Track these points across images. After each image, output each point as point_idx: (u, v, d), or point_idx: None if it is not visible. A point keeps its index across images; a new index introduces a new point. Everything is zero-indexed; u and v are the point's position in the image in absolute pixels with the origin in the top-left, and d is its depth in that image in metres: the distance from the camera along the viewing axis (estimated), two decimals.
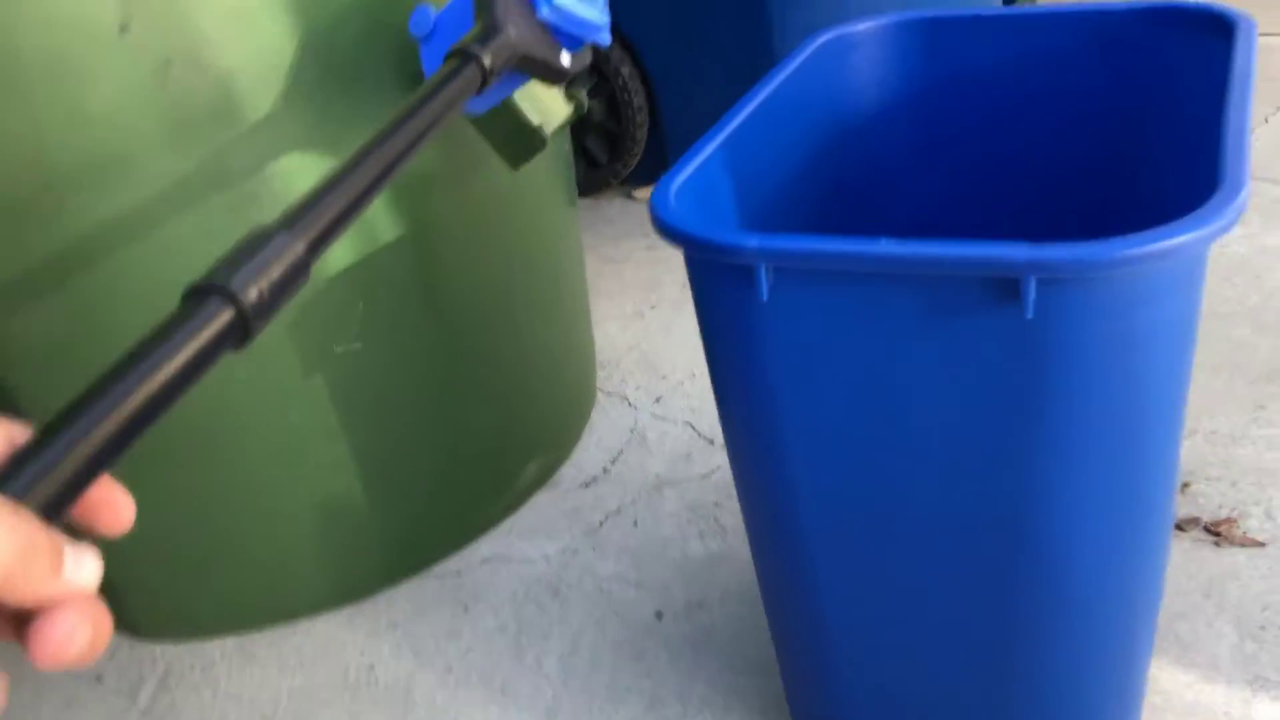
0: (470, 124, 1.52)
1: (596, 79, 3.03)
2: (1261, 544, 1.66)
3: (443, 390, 1.74)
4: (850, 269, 0.96)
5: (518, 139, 1.53)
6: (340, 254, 1.54)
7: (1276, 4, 4.03)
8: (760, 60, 2.71)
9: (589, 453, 2.08)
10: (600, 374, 2.32)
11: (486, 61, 1.07)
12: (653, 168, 3.15)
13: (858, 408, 1.04)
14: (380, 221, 1.56)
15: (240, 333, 0.70)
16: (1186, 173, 1.21)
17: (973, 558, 1.09)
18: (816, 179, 1.43)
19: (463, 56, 1.08)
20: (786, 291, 1.00)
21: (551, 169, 1.89)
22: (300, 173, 1.44)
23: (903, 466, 1.05)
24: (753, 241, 0.98)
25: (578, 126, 3.11)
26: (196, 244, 1.42)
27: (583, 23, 1.26)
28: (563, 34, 1.24)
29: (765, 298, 1.00)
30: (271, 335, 1.53)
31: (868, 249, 0.94)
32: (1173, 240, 0.87)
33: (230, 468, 1.62)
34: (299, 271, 0.76)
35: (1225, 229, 0.89)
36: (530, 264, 1.86)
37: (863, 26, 1.48)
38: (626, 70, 2.97)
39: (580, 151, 3.18)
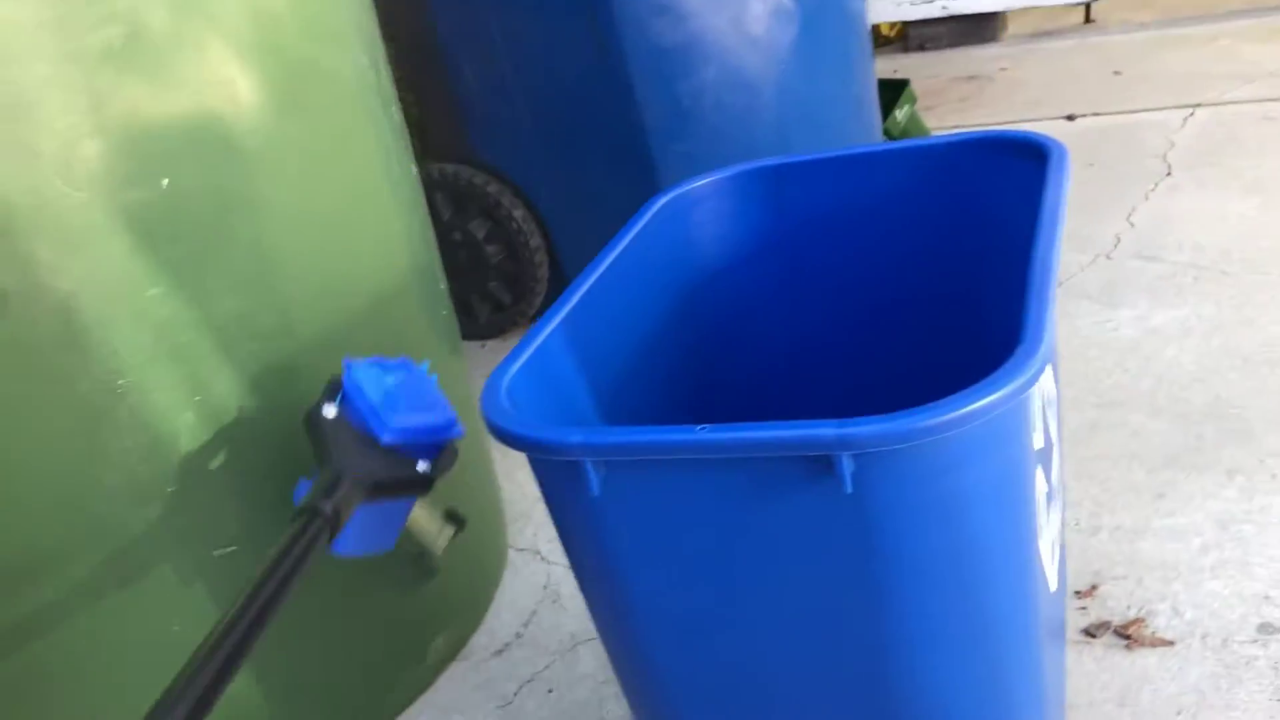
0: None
1: (491, 224, 3.06)
2: (1170, 643, 1.65)
3: (331, 582, 1.70)
4: (674, 458, 0.95)
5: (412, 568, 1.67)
6: (205, 460, 1.51)
7: (1142, 79, 4.18)
8: (644, 190, 2.76)
9: (500, 617, 2.04)
10: (511, 529, 2.29)
11: (328, 510, 1.15)
12: None
13: (701, 586, 1.03)
14: (246, 421, 1.54)
15: None
16: (1015, 301, 1.23)
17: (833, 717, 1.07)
18: (672, 338, 1.43)
19: (308, 513, 1.16)
20: (618, 481, 1.00)
21: (425, 324, 1.89)
22: (155, 389, 1.42)
23: (750, 639, 1.04)
24: (576, 438, 0.97)
25: (479, 271, 3.13)
26: (48, 487, 1.39)
27: (428, 429, 1.35)
28: (413, 448, 1.32)
29: (597, 492, 1.00)
30: (146, 545, 1.50)
31: (687, 438, 0.93)
32: (974, 404, 0.88)
33: (112, 679, 1.56)
34: None
35: (1027, 386, 0.90)
36: None
37: (703, 182, 1.51)
38: (519, 214, 3.01)
39: (485, 295, 3.19)
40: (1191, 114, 3.74)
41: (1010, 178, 1.37)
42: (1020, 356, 0.91)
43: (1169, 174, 3.30)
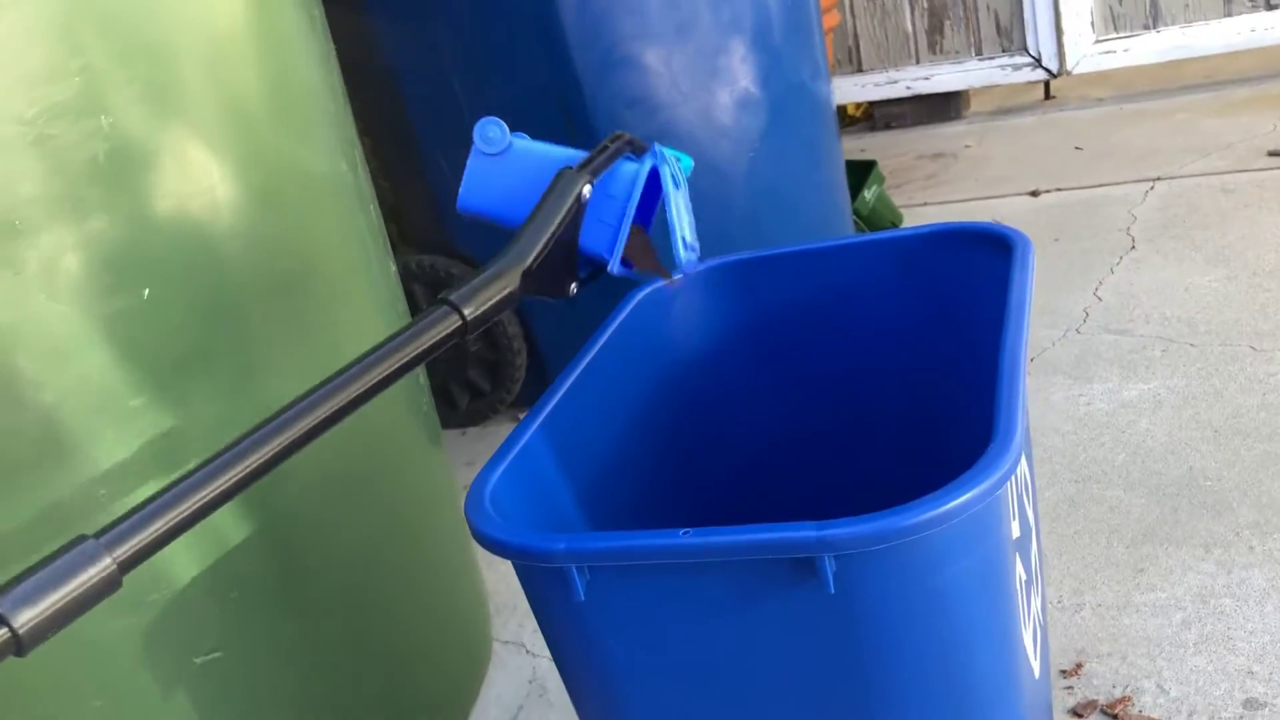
0: None
1: None
2: None
3: (315, 684, 1.68)
4: (657, 562, 0.96)
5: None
6: (186, 559, 1.50)
7: (1104, 154, 4.29)
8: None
9: (487, 713, 2.02)
10: (496, 621, 2.28)
11: (468, 315, 1.04)
12: (536, 387, 3.18)
13: (689, 685, 1.03)
14: (226, 521, 1.54)
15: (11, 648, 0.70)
16: (987, 391, 1.26)
17: None
18: (652, 432, 1.45)
19: (446, 307, 1.05)
20: (602, 585, 1.00)
21: (406, 420, 1.90)
22: (137, 498, 1.42)
23: None
24: (561, 544, 0.98)
25: (458, 360, 3.15)
26: None
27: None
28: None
29: (582, 597, 1.00)
30: (125, 654, 1.48)
31: (669, 542, 0.95)
32: (950, 503, 0.89)
33: None
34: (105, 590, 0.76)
35: (1002, 482, 0.92)
36: (397, 528, 1.84)
37: (677, 276, 1.54)
38: None
39: (464, 383, 3.21)
40: (1152, 187, 3.83)
41: (977, 268, 1.41)
42: (993, 454, 0.93)
43: (1133, 247, 3.38)
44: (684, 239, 1.25)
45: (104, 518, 1.42)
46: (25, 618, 0.72)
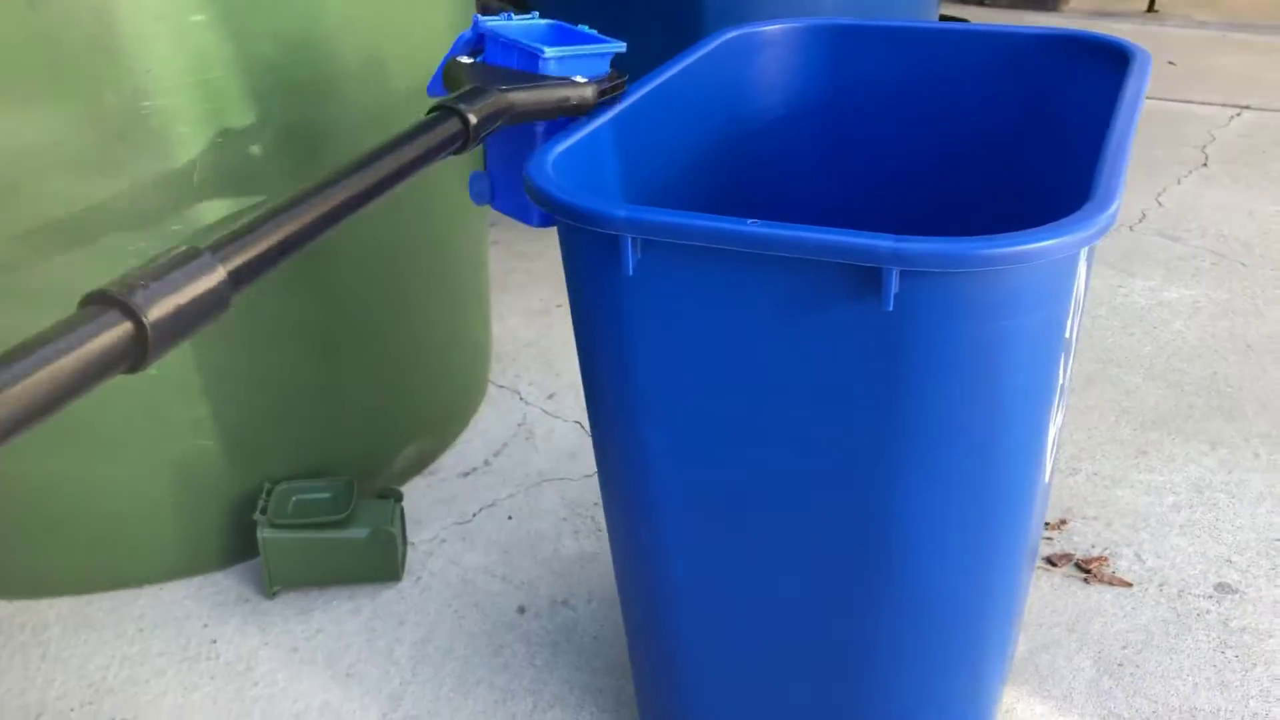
0: None
1: None
2: (1129, 584, 1.66)
3: (316, 361, 1.67)
4: (717, 246, 0.93)
5: None
6: (216, 208, 1.47)
7: (1196, 75, 4.14)
8: None
9: (472, 444, 2.03)
10: (495, 366, 2.27)
11: (467, 113, 1.03)
12: None
13: (717, 390, 1.01)
14: (262, 175, 1.50)
15: (137, 354, 0.64)
16: (1071, 194, 1.21)
17: (826, 558, 1.06)
18: (709, 173, 1.40)
19: (443, 111, 1.03)
20: (653, 266, 0.97)
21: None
22: (180, 119, 1.38)
23: (758, 455, 1.02)
24: (621, 212, 0.95)
25: None
26: (57, 198, 1.35)
27: (590, 59, 1.20)
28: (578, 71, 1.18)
29: (631, 272, 0.97)
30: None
31: (735, 227, 0.91)
32: (1035, 244, 0.86)
33: (82, 412, 1.53)
34: (218, 302, 0.71)
35: (1091, 239, 0.88)
36: (423, 243, 1.81)
37: (772, 27, 1.47)
38: None
39: None
40: (1239, 114, 3.70)
41: (1085, 78, 1.34)
42: (1089, 210, 0.89)
43: (1205, 164, 3.28)
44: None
45: (144, 132, 1.39)
46: (155, 316, 0.65)
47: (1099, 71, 1.32)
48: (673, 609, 1.17)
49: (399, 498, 1.69)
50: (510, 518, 1.83)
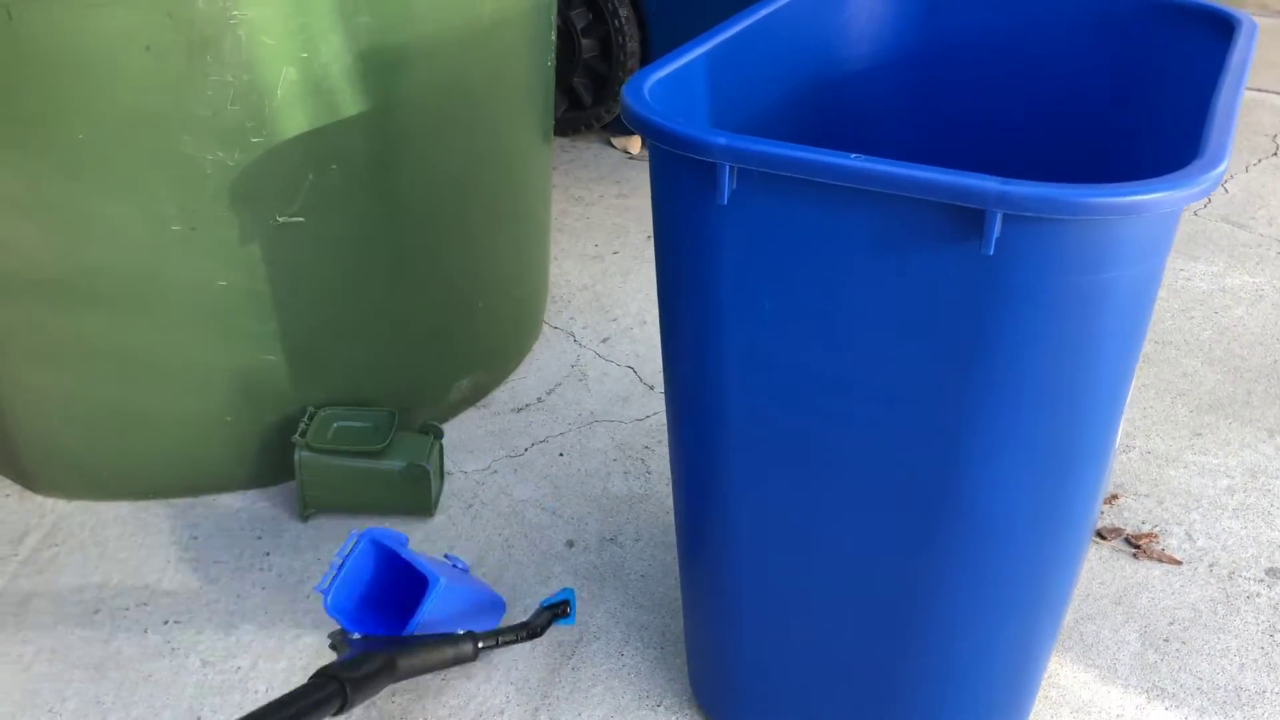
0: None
1: (592, 17, 2.97)
2: (1178, 562, 1.65)
3: (383, 282, 1.68)
4: (817, 179, 0.92)
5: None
6: (296, 121, 1.48)
7: (1269, 64, 4.06)
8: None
9: (526, 381, 2.04)
10: (551, 308, 2.28)
11: (347, 684, 1.13)
12: None
13: (801, 327, 1.01)
14: (343, 92, 1.50)
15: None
16: (1160, 158, 1.19)
17: (894, 508, 1.06)
18: (795, 116, 1.39)
19: (325, 679, 1.13)
20: (747, 196, 0.97)
21: (529, 87, 1.84)
22: (266, 31, 1.38)
23: (836, 396, 1.02)
24: (720, 139, 0.94)
25: (566, 65, 3.05)
26: (144, 97, 1.36)
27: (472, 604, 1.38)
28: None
29: (725, 201, 0.97)
30: (212, 193, 1.47)
31: (838, 160, 0.90)
32: (1143, 195, 0.84)
33: (152, 320, 1.55)
34: None
35: (1197, 195, 0.86)
36: (493, 174, 1.81)
37: None
38: (624, 13, 2.92)
39: (567, 90, 3.12)
40: None
41: (1184, 45, 1.32)
42: (1198, 167, 0.88)
43: (1275, 154, 3.22)
44: None
45: (230, 43, 1.38)
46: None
47: (1200, 38, 1.30)
48: (736, 559, 1.17)
49: (439, 435, 1.69)
50: (561, 454, 1.84)
